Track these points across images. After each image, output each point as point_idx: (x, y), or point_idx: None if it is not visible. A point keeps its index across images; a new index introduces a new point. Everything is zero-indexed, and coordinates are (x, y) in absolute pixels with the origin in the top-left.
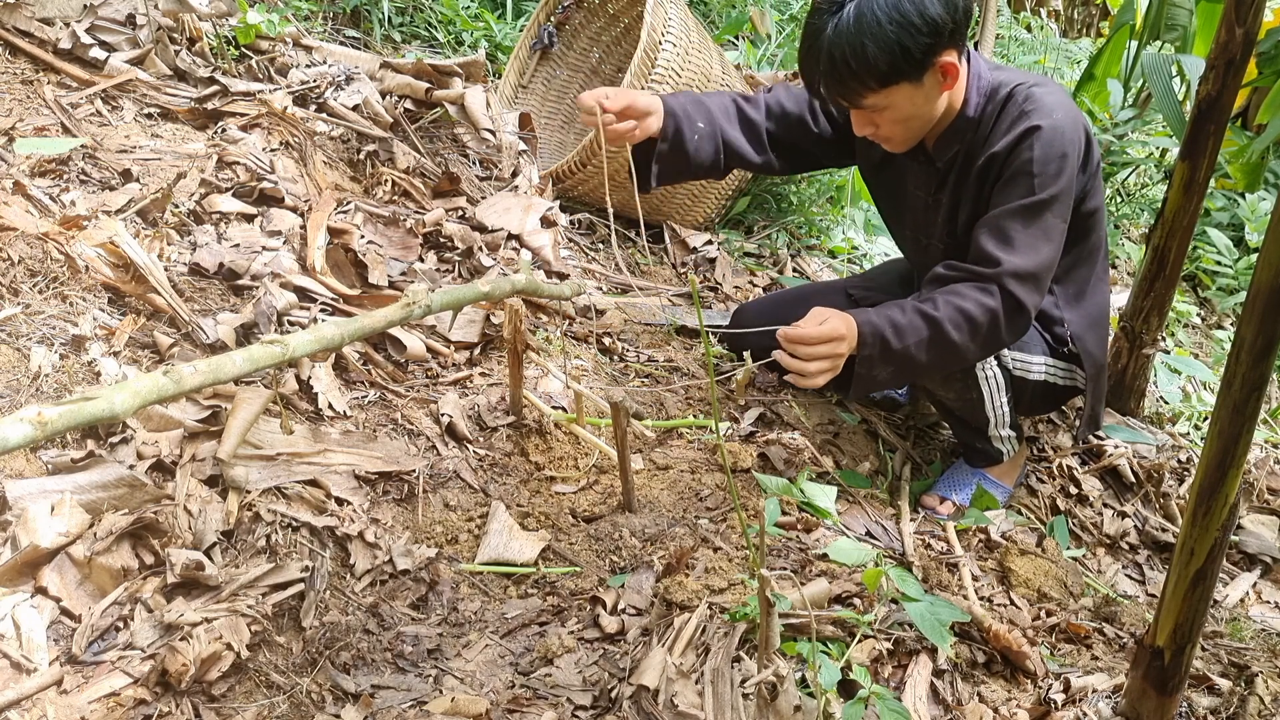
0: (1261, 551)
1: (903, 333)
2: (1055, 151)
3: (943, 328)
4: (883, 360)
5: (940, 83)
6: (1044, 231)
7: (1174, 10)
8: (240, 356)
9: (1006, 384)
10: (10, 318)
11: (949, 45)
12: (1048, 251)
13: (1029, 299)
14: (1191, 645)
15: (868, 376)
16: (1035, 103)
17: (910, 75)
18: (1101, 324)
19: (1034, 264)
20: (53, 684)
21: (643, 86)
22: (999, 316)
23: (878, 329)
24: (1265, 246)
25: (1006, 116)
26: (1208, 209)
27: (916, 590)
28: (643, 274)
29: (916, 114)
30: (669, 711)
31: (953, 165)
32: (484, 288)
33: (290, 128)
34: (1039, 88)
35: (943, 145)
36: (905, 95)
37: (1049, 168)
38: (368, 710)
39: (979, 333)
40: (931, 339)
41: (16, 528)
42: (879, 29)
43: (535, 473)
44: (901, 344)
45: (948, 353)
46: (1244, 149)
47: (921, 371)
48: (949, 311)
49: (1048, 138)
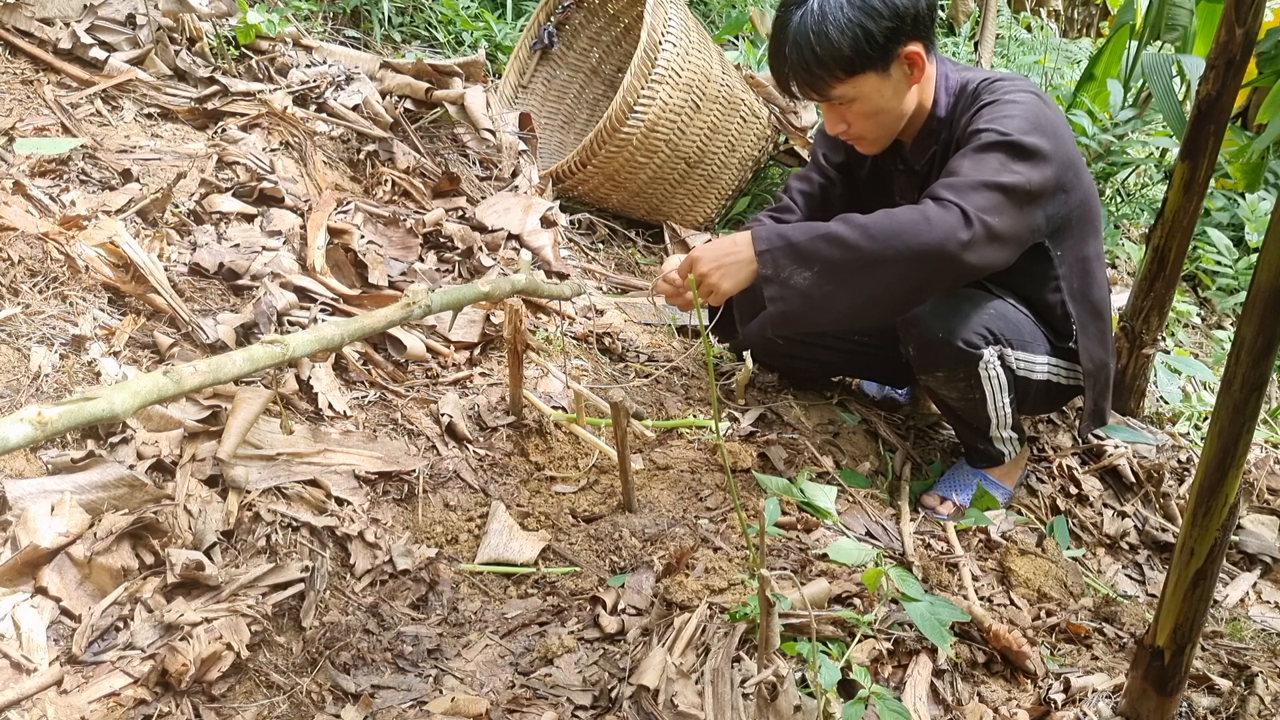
0: (1261, 551)
1: (810, 229)
2: (1009, 111)
3: (859, 223)
4: (788, 257)
5: (908, 75)
6: (998, 165)
7: (1174, 10)
8: (240, 356)
9: (1010, 384)
10: (10, 318)
11: (913, 35)
12: (1005, 177)
13: (972, 208)
14: (1191, 645)
15: (776, 280)
16: (994, 90)
17: (875, 64)
18: (1102, 317)
19: (980, 177)
20: (53, 684)
21: (643, 86)
22: (928, 215)
23: (776, 228)
24: (1265, 246)
25: (968, 108)
26: (1208, 209)
27: (916, 590)
28: (643, 274)
29: (885, 107)
30: (669, 711)
31: (931, 166)
32: (484, 288)
33: (290, 128)
34: (1002, 81)
35: (918, 148)
36: (873, 86)
37: (1002, 125)
38: (368, 710)
39: (902, 230)
40: (843, 233)
41: (16, 528)
42: (840, 14)
43: (535, 473)
44: (807, 238)
45: (866, 253)
46: (1244, 149)
47: (846, 280)
48: (875, 215)
49: (1003, 107)
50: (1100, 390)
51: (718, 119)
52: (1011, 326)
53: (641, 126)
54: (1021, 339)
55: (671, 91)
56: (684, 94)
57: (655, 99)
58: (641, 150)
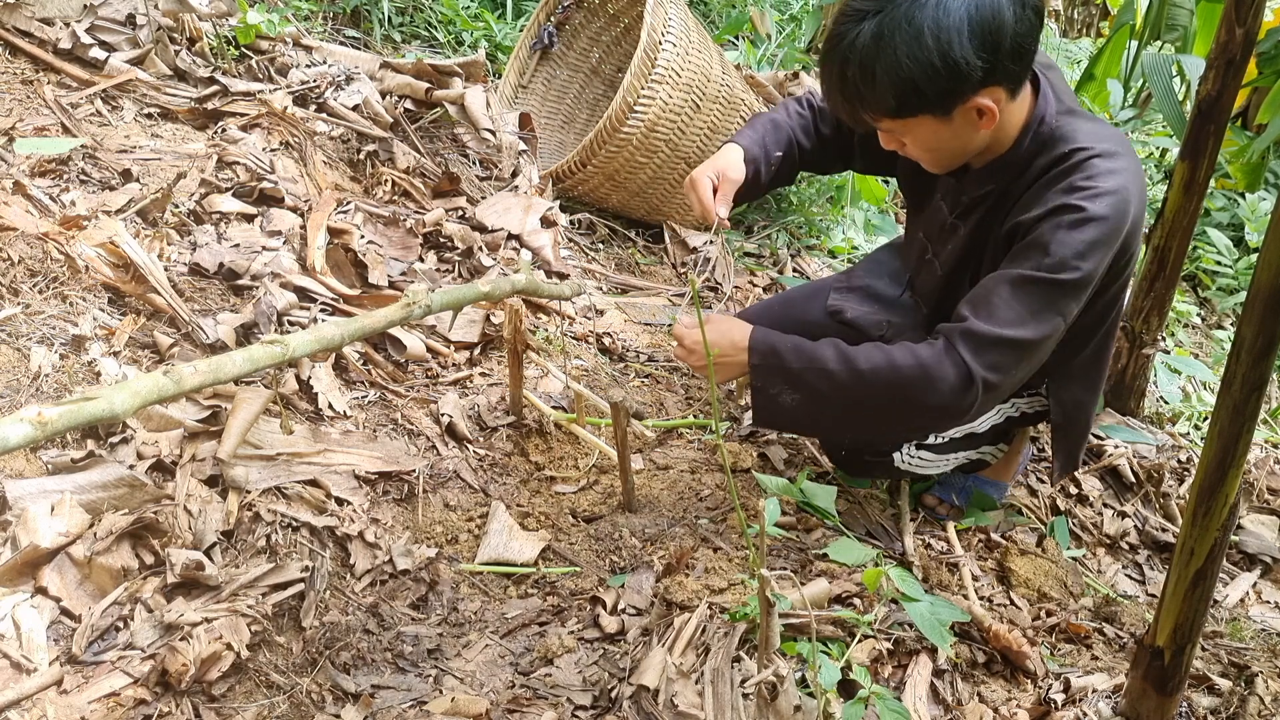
0: (1261, 551)
1: (805, 354)
2: (1084, 240)
3: (854, 362)
4: (780, 378)
5: (976, 122)
6: (1033, 310)
7: (1174, 10)
8: (240, 356)
9: (943, 451)
10: (10, 318)
11: (982, 88)
12: (1029, 330)
13: (981, 368)
14: (1191, 645)
15: (765, 393)
16: (1089, 178)
17: (931, 110)
18: (1099, 360)
19: (1003, 332)
20: (53, 684)
21: (643, 86)
22: (929, 372)
23: (771, 342)
24: (1265, 246)
25: (1049, 180)
26: (1208, 209)
27: (916, 590)
28: (643, 274)
29: (943, 147)
30: (669, 711)
31: (982, 202)
32: (484, 288)
33: (290, 128)
34: (1102, 159)
35: (976, 179)
36: (928, 128)
37: (1068, 252)
38: (368, 710)
39: (898, 382)
40: (836, 372)
41: (16, 528)
42: (894, 59)
43: (535, 473)
44: (800, 365)
45: (856, 394)
46: (1244, 149)
47: (830, 413)
48: (870, 351)
49: (1083, 225)
50: (1075, 439)
51: (718, 119)
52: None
53: (641, 126)
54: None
55: (671, 91)
56: (684, 94)
57: (655, 99)
58: (641, 150)
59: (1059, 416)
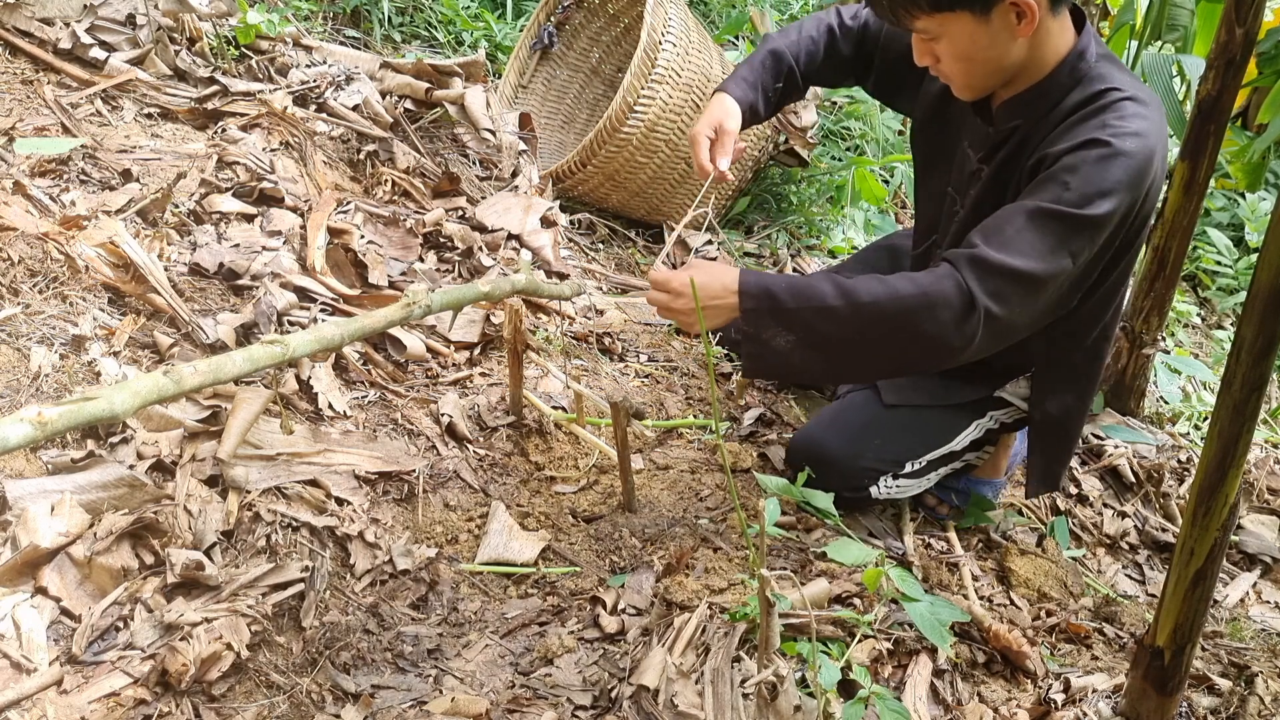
0: (1261, 551)
1: (801, 292)
2: (1109, 177)
3: (852, 295)
4: (774, 319)
5: (1014, 27)
6: (1047, 243)
7: (1174, 10)
8: (240, 356)
9: (921, 475)
10: (10, 318)
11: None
12: (1039, 264)
13: (984, 295)
14: (1191, 645)
15: (755, 339)
16: (1120, 118)
17: (970, 4)
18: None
19: (1011, 261)
20: (53, 684)
21: (643, 86)
22: (930, 297)
23: (765, 284)
24: (1265, 246)
25: (1081, 116)
26: (1208, 209)
27: (916, 590)
28: (643, 274)
29: (979, 55)
30: (669, 711)
31: (1009, 138)
32: (484, 288)
33: (290, 128)
34: (1135, 103)
35: (1006, 111)
36: (964, 28)
37: (1090, 188)
38: (368, 710)
39: (899, 310)
40: (836, 307)
41: (16, 528)
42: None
43: (535, 473)
44: (796, 304)
45: (855, 329)
46: (1244, 149)
47: (826, 353)
48: (869, 283)
49: (1110, 160)
50: (1057, 452)
51: None
52: (904, 446)
53: (641, 126)
54: (916, 448)
55: (671, 91)
56: (684, 94)
57: (655, 99)
58: (641, 150)
59: (1041, 423)
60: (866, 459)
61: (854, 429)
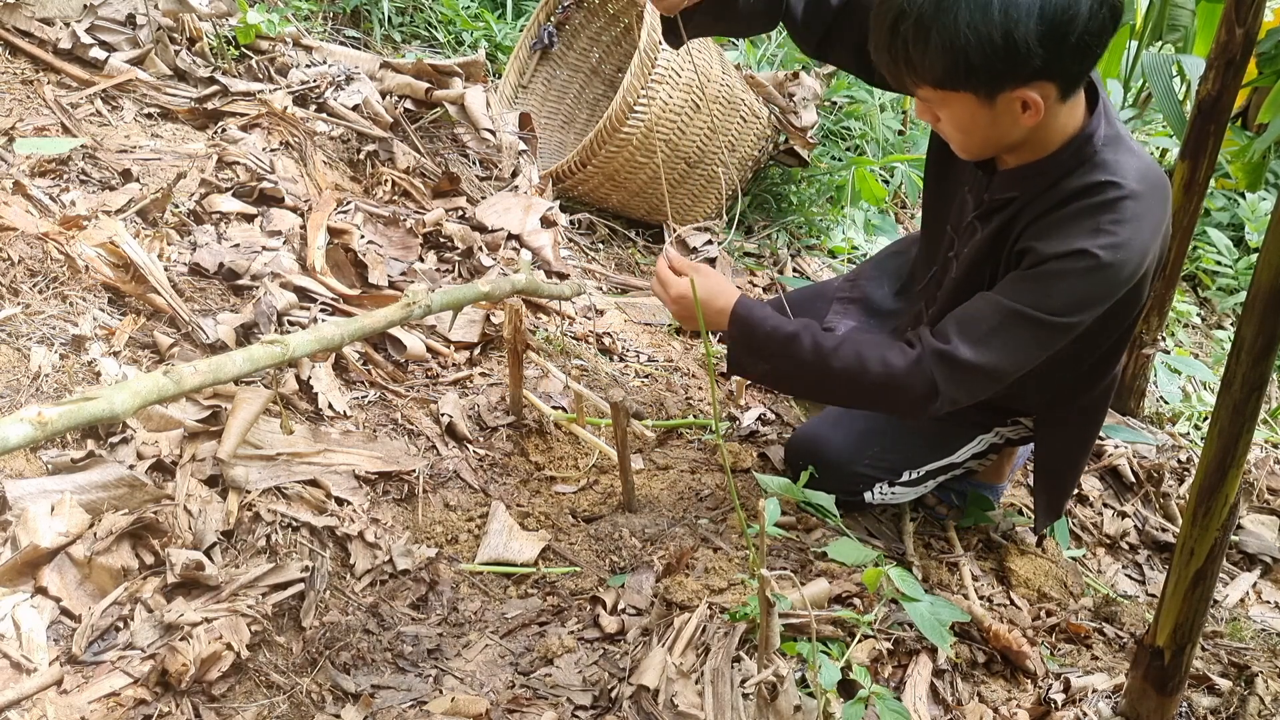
0: (1261, 551)
1: (779, 342)
2: (1094, 293)
3: (826, 351)
4: (751, 354)
5: (1018, 115)
6: (1020, 345)
7: (1175, 10)
8: (240, 356)
9: (920, 481)
10: (10, 318)
11: (1035, 79)
12: (1009, 363)
13: (948, 388)
14: (1191, 645)
15: (736, 360)
16: (1116, 221)
17: (974, 90)
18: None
19: (982, 362)
20: (53, 684)
21: (643, 86)
22: (898, 383)
23: (753, 320)
24: (1265, 246)
25: (1077, 211)
26: (1208, 209)
27: (916, 590)
28: (643, 274)
29: (977, 132)
30: (669, 711)
31: (1003, 208)
32: (484, 288)
33: (290, 128)
34: (1133, 201)
35: (1004, 181)
36: (967, 108)
37: (1072, 299)
38: (368, 710)
39: (864, 383)
40: (810, 363)
41: (16, 528)
42: (953, 25)
43: (535, 473)
44: (773, 349)
45: (823, 383)
46: (1244, 149)
47: (798, 388)
48: (845, 351)
49: (1096, 272)
50: (1061, 486)
51: (718, 119)
52: (903, 455)
53: (641, 126)
54: (916, 458)
55: (671, 91)
56: (684, 94)
57: (655, 99)
58: (641, 150)
59: (1046, 460)
60: (864, 464)
61: (856, 433)
